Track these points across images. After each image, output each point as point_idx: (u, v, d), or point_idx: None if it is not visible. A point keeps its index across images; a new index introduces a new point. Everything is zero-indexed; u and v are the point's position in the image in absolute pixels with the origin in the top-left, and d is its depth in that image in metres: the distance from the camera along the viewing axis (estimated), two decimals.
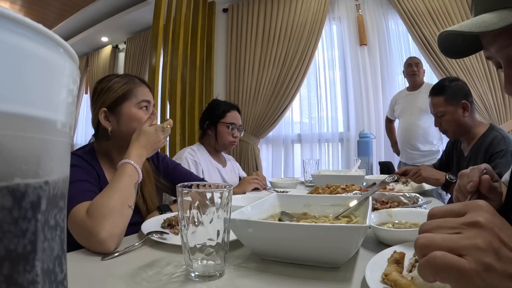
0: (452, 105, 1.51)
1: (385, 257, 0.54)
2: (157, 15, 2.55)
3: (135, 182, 0.80)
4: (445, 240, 0.31)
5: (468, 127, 1.53)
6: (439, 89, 1.57)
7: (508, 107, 2.64)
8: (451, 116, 1.52)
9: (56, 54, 0.17)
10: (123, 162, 0.81)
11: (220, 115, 1.67)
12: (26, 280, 0.15)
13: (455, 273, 0.30)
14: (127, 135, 0.92)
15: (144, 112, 0.97)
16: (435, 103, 1.57)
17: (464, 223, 0.32)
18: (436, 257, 0.30)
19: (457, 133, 1.58)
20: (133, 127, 0.93)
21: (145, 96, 0.98)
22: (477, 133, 1.52)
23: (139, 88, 0.98)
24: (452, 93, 1.52)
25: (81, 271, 0.58)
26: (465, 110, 1.50)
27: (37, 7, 3.92)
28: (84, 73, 5.29)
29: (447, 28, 0.57)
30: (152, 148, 0.89)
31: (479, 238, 0.30)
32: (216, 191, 0.51)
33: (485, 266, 0.29)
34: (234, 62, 3.53)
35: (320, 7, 3.20)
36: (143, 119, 0.95)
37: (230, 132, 1.66)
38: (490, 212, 0.33)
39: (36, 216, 0.16)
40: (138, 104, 0.96)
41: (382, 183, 0.88)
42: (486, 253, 0.30)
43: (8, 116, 0.14)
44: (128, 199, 0.76)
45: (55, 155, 0.18)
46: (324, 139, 3.40)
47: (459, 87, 1.54)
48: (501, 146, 1.39)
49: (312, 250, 0.55)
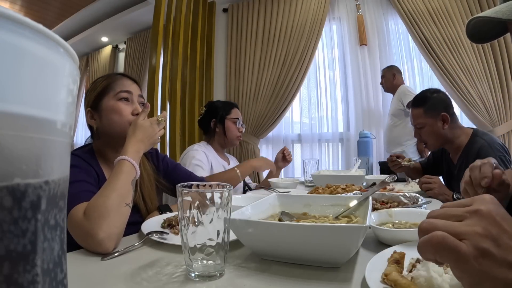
0: (432, 117, 1.50)
1: (385, 257, 0.54)
2: (157, 15, 2.55)
3: (132, 179, 0.79)
4: (447, 225, 0.33)
5: (448, 139, 1.51)
6: (419, 101, 1.56)
7: (508, 107, 2.64)
8: (430, 128, 1.51)
9: (56, 54, 0.17)
10: (119, 159, 0.80)
11: (227, 112, 1.75)
12: (26, 280, 0.15)
13: (453, 255, 0.31)
14: (110, 129, 0.93)
15: (124, 103, 0.95)
16: (414, 115, 1.57)
17: (467, 211, 0.33)
18: (437, 236, 0.31)
19: (437, 145, 1.57)
20: (113, 119, 0.93)
21: (124, 87, 0.96)
22: (461, 142, 1.50)
23: (118, 81, 0.97)
24: (432, 105, 1.51)
25: (81, 271, 0.58)
26: (444, 122, 1.49)
27: (37, 7, 3.92)
28: (84, 73, 5.29)
29: (475, 15, 0.65)
30: (149, 142, 0.88)
31: (478, 225, 0.31)
32: (216, 191, 0.51)
33: (482, 251, 0.30)
34: (234, 62, 3.53)
35: (320, 7, 3.20)
36: (122, 109, 0.93)
37: (237, 127, 1.75)
38: (494, 204, 0.34)
39: (36, 216, 0.16)
40: (116, 96, 0.94)
41: (382, 183, 0.88)
42: (484, 239, 0.30)
43: (8, 116, 0.14)
44: (125, 197, 0.75)
45: (55, 155, 0.18)
46: (324, 139, 3.40)
47: (439, 99, 1.53)
48: (490, 155, 1.37)
49: (312, 250, 0.55)
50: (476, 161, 0.78)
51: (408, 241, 0.63)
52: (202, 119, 1.81)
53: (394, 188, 1.44)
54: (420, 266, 0.46)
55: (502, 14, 0.61)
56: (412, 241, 0.63)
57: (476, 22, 0.69)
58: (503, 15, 0.61)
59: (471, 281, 0.31)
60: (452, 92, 2.72)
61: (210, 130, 1.76)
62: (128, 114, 0.94)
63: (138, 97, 0.98)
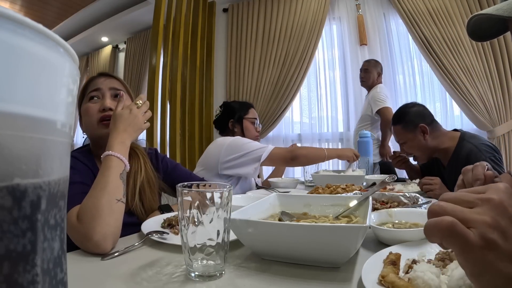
0: (410, 131, 1.52)
1: (381, 258, 0.53)
2: (157, 15, 2.55)
3: (121, 173, 0.77)
4: (456, 211, 0.32)
5: (433, 148, 1.52)
6: (396, 119, 1.59)
7: (508, 107, 2.64)
8: (412, 142, 1.53)
9: (56, 54, 0.17)
10: (105, 155, 0.78)
11: (244, 112, 1.76)
12: (26, 280, 0.15)
13: (459, 242, 0.30)
14: (86, 131, 0.96)
15: (92, 103, 0.94)
16: (395, 132, 1.60)
17: (479, 198, 0.33)
18: (447, 221, 0.31)
19: (424, 157, 1.58)
20: (86, 122, 0.94)
21: (93, 86, 0.95)
22: (448, 148, 1.50)
23: (91, 83, 0.96)
24: (408, 120, 1.53)
25: (81, 271, 0.58)
26: (424, 133, 1.50)
27: (37, 7, 3.92)
28: (84, 73, 5.28)
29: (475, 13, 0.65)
30: (133, 130, 0.85)
31: (488, 215, 0.31)
32: (216, 191, 0.51)
33: (489, 242, 0.29)
34: (234, 62, 3.53)
35: (320, 7, 3.20)
36: (89, 109, 0.92)
37: (254, 127, 1.76)
38: (508, 193, 0.33)
39: (36, 216, 0.16)
40: (87, 98, 0.95)
41: (382, 183, 0.88)
42: (492, 229, 0.30)
43: (8, 116, 0.14)
44: (115, 194, 0.73)
45: (55, 155, 0.18)
46: (324, 139, 3.40)
47: (413, 113, 1.54)
48: (479, 158, 1.37)
49: (312, 250, 0.55)
50: (470, 166, 0.78)
51: (408, 241, 0.63)
52: (218, 120, 1.81)
53: (394, 188, 1.44)
54: (417, 267, 0.46)
55: (503, 11, 0.62)
56: (412, 241, 0.63)
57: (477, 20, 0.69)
58: (504, 13, 0.62)
59: (473, 271, 0.30)
60: (452, 92, 2.72)
61: (228, 130, 1.76)
62: (95, 112, 0.92)
63: (109, 90, 0.95)
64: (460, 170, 1.41)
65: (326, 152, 1.58)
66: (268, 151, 1.50)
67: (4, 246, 0.14)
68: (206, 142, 3.24)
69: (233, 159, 1.50)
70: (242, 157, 1.50)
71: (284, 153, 1.54)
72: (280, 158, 1.55)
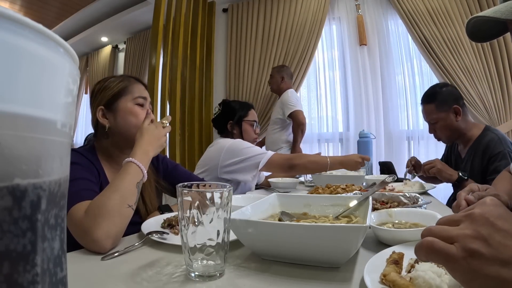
0: (444, 111, 1.52)
1: (384, 257, 0.53)
2: (157, 15, 2.55)
3: (137, 182, 0.79)
4: (441, 230, 0.36)
5: (462, 130, 1.54)
6: (429, 97, 1.58)
7: (508, 107, 2.64)
8: (444, 122, 1.53)
9: (56, 54, 0.17)
10: (127, 161, 0.81)
11: (244, 114, 1.73)
12: (26, 280, 0.15)
13: (441, 257, 0.33)
14: (125, 130, 0.94)
15: (140, 108, 0.97)
16: (427, 111, 1.59)
17: (463, 215, 0.36)
18: (427, 241, 0.35)
19: (452, 138, 1.59)
20: (130, 121, 0.94)
21: (141, 93, 0.99)
22: (472, 135, 1.53)
23: (135, 85, 0.99)
24: (443, 99, 1.53)
25: (81, 271, 0.58)
26: (457, 115, 1.51)
27: (37, 7, 3.92)
28: (84, 73, 5.29)
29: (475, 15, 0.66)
30: (157, 144, 0.90)
31: (469, 228, 0.34)
32: (216, 191, 0.51)
33: (471, 251, 0.32)
34: (234, 62, 3.53)
35: (320, 7, 3.20)
36: (139, 114, 0.96)
37: (253, 129, 1.74)
38: (492, 205, 0.35)
39: (36, 216, 0.16)
40: (134, 100, 0.97)
41: (382, 183, 0.88)
42: (473, 239, 0.32)
43: (8, 116, 0.14)
44: (128, 199, 0.75)
45: (55, 155, 0.18)
46: (324, 139, 3.40)
47: (448, 92, 1.55)
48: (498, 148, 1.40)
49: (312, 250, 0.55)
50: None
51: (408, 241, 0.63)
52: (217, 119, 1.79)
53: (394, 188, 1.44)
54: (419, 267, 0.46)
55: (501, 14, 0.62)
56: (412, 241, 0.63)
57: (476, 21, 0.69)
58: (502, 15, 0.62)
59: (464, 279, 0.33)
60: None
61: (227, 131, 1.74)
62: (143, 118, 0.96)
63: (149, 104, 1.02)
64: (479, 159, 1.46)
65: (329, 160, 1.51)
66: (266, 158, 1.48)
67: (4, 246, 0.14)
68: (206, 142, 3.24)
69: (232, 163, 1.49)
70: (241, 163, 1.48)
71: (282, 161, 1.52)
72: (278, 166, 1.52)
